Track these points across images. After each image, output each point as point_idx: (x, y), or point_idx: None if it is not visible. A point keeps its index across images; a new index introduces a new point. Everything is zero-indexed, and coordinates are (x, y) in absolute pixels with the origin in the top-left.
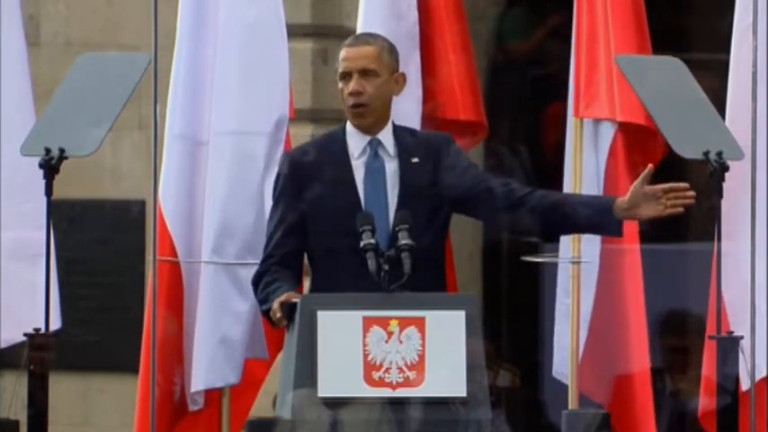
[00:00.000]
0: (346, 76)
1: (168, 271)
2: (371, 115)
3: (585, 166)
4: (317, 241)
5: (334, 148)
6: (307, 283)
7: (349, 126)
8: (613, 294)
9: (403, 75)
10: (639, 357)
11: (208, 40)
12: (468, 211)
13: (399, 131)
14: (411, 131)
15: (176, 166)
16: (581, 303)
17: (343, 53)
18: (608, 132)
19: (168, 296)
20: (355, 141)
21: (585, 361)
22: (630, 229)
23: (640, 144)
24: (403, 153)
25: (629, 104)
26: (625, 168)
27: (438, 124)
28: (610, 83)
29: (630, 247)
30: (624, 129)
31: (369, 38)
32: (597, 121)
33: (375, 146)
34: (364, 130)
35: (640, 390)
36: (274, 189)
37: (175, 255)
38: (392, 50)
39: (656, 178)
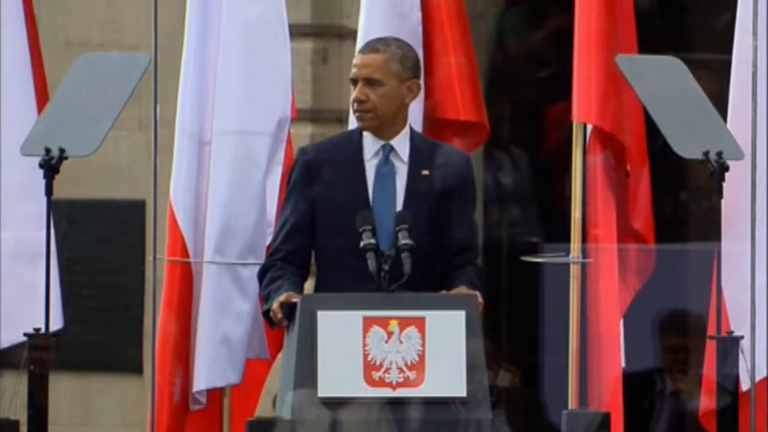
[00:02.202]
0: (354, 82)
1: (180, 271)
2: (374, 121)
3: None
4: (323, 239)
5: (348, 148)
6: (310, 284)
7: None
8: (592, 294)
9: (417, 83)
10: (610, 359)
11: (213, 40)
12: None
13: (418, 140)
14: (430, 142)
15: (186, 165)
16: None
17: (354, 59)
18: (588, 131)
19: (180, 296)
20: (369, 143)
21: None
22: (608, 229)
23: (611, 146)
24: (415, 162)
25: (586, 104)
26: (602, 167)
27: (438, 124)
28: (576, 82)
29: (608, 246)
30: (597, 129)
31: (379, 45)
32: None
33: (387, 151)
34: (374, 134)
35: (611, 393)
36: (288, 182)
37: (187, 254)
38: (404, 58)
39: (656, 177)
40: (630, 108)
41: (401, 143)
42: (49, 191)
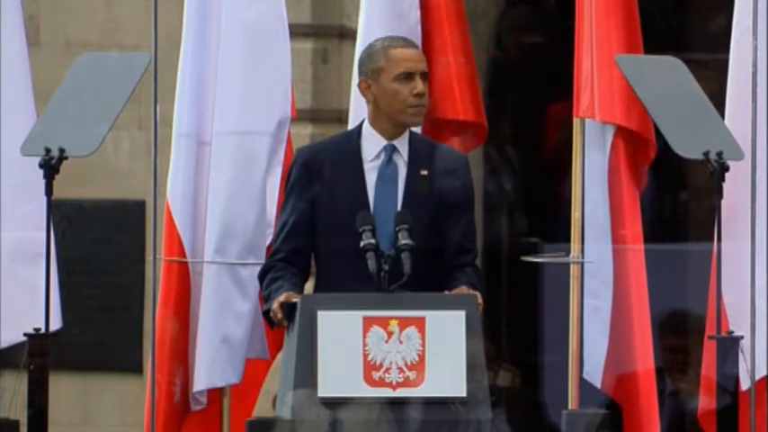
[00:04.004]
0: (408, 76)
1: (177, 271)
2: (424, 116)
3: (590, 165)
4: (323, 240)
5: (347, 149)
6: (310, 284)
7: (365, 128)
8: (621, 294)
9: None
10: (644, 356)
11: (212, 40)
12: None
13: (416, 140)
14: (429, 143)
15: (184, 165)
16: (603, 303)
17: (399, 53)
18: (609, 131)
19: (177, 296)
20: (370, 144)
21: (609, 361)
22: (635, 230)
23: (634, 143)
24: (414, 163)
25: (609, 105)
26: (626, 167)
27: (437, 124)
28: (596, 82)
29: (635, 247)
30: (621, 128)
31: (412, 42)
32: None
33: (390, 151)
34: (391, 134)
35: (645, 389)
36: (287, 183)
37: (184, 254)
38: None
39: (655, 178)
40: None
41: (402, 143)
42: (49, 191)
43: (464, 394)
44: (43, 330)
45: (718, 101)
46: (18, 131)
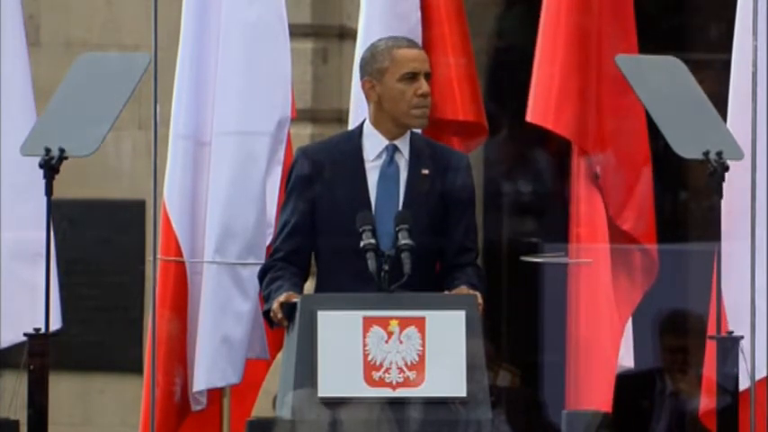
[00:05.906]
0: (412, 76)
1: (174, 271)
2: (428, 119)
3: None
4: (324, 240)
5: (348, 149)
6: (310, 284)
7: (367, 128)
8: (571, 292)
9: None
10: (592, 360)
11: (211, 41)
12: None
13: (417, 140)
14: (429, 142)
15: (181, 165)
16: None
17: (404, 53)
18: None
19: (174, 296)
20: (372, 144)
21: None
22: (591, 228)
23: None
24: (415, 163)
25: (543, 107)
26: (584, 168)
27: (437, 125)
28: (536, 83)
29: (600, 246)
30: None
31: (416, 42)
32: None
33: (391, 151)
34: (393, 134)
35: (602, 391)
36: (287, 183)
37: (180, 255)
38: None
39: (656, 177)
40: (630, 109)
41: (403, 143)
42: (48, 191)
43: (464, 394)
44: (43, 330)
45: (718, 101)
46: (18, 131)
